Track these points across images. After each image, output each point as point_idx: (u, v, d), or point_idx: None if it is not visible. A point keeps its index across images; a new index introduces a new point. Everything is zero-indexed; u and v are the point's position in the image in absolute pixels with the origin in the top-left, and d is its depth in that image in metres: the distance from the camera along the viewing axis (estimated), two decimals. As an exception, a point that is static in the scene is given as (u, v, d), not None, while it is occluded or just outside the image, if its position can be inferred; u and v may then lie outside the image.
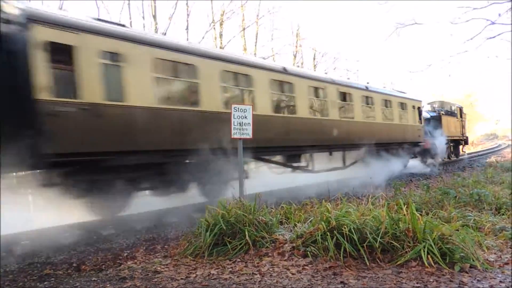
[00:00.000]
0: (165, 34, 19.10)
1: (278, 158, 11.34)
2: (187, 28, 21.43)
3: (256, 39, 25.07)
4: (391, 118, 16.00)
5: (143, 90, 7.53)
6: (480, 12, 19.05)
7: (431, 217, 4.91)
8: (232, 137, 6.81)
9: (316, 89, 12.04)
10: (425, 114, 20.57)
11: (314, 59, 29.35)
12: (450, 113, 23.38)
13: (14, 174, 6.72)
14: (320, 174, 12.36)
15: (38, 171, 6.65)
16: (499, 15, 18.50)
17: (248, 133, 6.83)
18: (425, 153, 19.99)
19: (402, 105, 17.07)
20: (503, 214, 6.30)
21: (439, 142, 20.54)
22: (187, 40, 18.26)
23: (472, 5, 18.47)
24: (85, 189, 6.98)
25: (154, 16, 19.99)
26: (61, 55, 6.56)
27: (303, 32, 28.58)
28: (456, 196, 7.30)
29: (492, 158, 24.37)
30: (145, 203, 8.40)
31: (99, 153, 6.94)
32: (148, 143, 7.59)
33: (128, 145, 7.00)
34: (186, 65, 8.45)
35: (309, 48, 29.54)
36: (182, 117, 8.15)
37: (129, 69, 7.39)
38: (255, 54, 23.64)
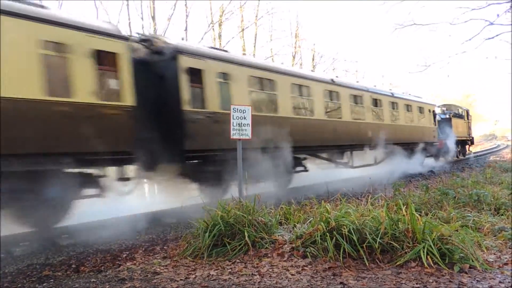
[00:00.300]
0: (164, 35, 19.09)
1: (327, 155, 13.39)
2: (186, 29, 21.45)
3: (255, 40, 25.11)
4: (412, 120, 18.24)
5: (243, 100, 9.61)
6: (478, 13, 19.08)
7: (431, 218, 4.91)
8: (231, 137, 6.81)
9: (355, 96, 14.24)
10: (437, 117, 22.36)
11: (313, 59, 29.38)
12: (458, 116, 25.61)
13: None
14: (357, 169, 14.50)
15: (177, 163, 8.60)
16: (498, 15, 18.54)
17: (247, 133, 6.82)
18: (438, 152, 21.79)
19: (420, 109, 19.19)
20: (502, 215, 6.30)
21: (450, 142, 22.69)
22: (190, 41, 18.29)
23: (471, 5, 18.48)
24: (204, 177, 9.14)
25: (153, 17, 19.99)
26: (195, 77, 8.75)
27: (302, 33, 28.55)
28: (455, 197, 7.30)
29: (491, 158, 25.87)
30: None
31: (216, 149, 8.91)
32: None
33: (233, 144, 7.91)
34: (268, 80, 10.79)
35: (308, 49, 29.56)
36: (266, 121, 10.14)
37: (234, 85, 9.64)
38: (253, 54, 23.67)
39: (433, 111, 20.94)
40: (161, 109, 8.30)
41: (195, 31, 45.30)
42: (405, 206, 4.59)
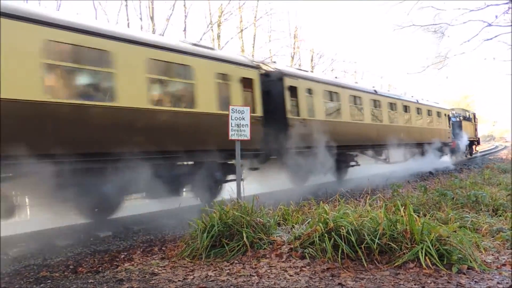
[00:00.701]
0: (162, 35, 19.08)
1: (371, 153, 16.44)
2: (184, 30, 21.44)
3: (254, 40, 25.12)
4: (432, 124, 21.56)
5: (321, 109, 12.80)
6: (477, 14, 19.13)
7: (429, 219, 4.91)
8: (230, 138, 6.80)
9: (391, 104, 17.32)
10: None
11: (311, 60, 29.39)
12: (467, 119, 28.86)
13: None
14: (392, 165, 17.41)
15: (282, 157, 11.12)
16: (496, 17, 18.58)
17: (245, 134, 6.81)
18: (451, 151, 25.05)
19: (438, 114, 22.49)
20: (500, 216, 6.31)
21: (461, 142, 26.07)
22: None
23: (469, 6, 18.55)
24: (296, 168, 11.72)
25: (152, 18, 19.98)
26: (293, 92, 11.70)
27: (301, 34, 28.59)
28: (453, 198, 7.30)
29: (492, 158, 28.29)
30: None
31: (305, 147, 11.46)
32: (318, 142, 12.14)
33: (317, 142, 11.82)
34: (335, 93, 13.68)
35: (307, 50, 29.59)
36: (335, 125, 13.12)
37: (315, 98, 12.54)
38: (252, 55, 23.66)
39: (448, 115, 24.27)
40: (273, 117, 10.72)
41: (193, 31, 45.27)
42: (403, 207, 4.59)
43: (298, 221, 5.61)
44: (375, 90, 16.52)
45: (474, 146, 30.85)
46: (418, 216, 4.64)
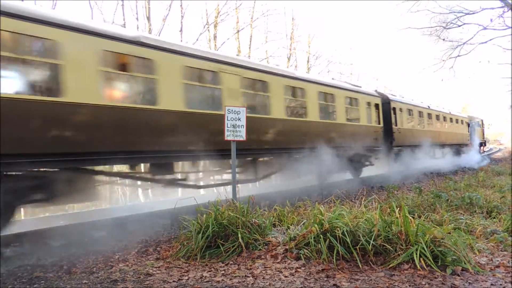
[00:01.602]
0: (159, 35, 19.05)
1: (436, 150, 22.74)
2: (181, 30, 21.41)
3: (250, 41, 25.13)
4: (458, 129, 27.77)
5: (405, 123, 18.48)
6: (472, 18, 19.25)
7: (424, 220, 4.92)
8: (226, 139, 6.79)
9: (429, 114, 22.27)
10: None
11: (308, 61, 29.42)
12: (477, 124, 35.75)
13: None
14: (435, 160, 22.40)
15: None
16: (491, 20, 18.71)
17: (241, 135, 6.80)
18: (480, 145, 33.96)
19: (462, 121, 28.97)
20: (494, 218, 6.34)
21: (474, 144, 32.48)
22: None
23: (465, 7, 18.65)
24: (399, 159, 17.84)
25: (148, 18, 19.94)
26: (396, 111, 17.80)
27: (297, 35, 28.55)
28: (448, 199, 7.33)
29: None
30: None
31: (407, 146, 18.21)
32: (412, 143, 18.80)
33: (405, 141, 18.32)
34: (420, 112, 20.16)
35: (303, 51, 29.61)
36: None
37: (412, 116, 18.84)
38: (249, 56, 23.66)
39: (467, 122, 30.97)
40: (386, 127, 16.60)
41: (190, 32, 45.21)
42: (398, 209, 4.61)
43: (294, 222, 5.62)
44: (428, 106, 23.02)
45: (482, 147, 37.02)
46: (413, 217, 4.65)
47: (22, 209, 8.59)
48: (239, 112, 6.80)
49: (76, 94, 6.61)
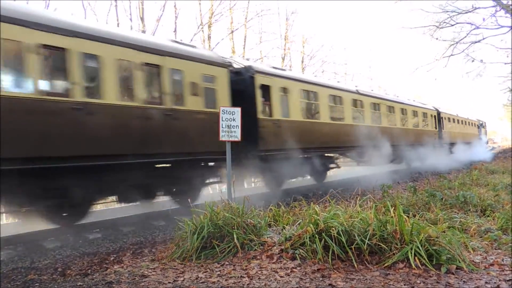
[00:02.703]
0: (153, 34, 18.97)
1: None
2: (175, 31, 21.36)
3: (245, 41, 25.12)
4: (472, 130, 36.21)
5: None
6: (465, 17, 19.36)
7: (418, 219, 4.95)
8: (220, 139, 6.78)
9: (463, 121, 31.63)
10: None
11: (302, 62, 29.45)
12: (482, 126, 44.21)
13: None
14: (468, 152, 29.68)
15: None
16: (484, 19, 18.83)
17: (236, 135, 6.80)
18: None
19: (474, 124, 37.60)
20: (488, 216, 6.38)
21: (482, 141, 40.48)
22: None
23: (458, 6, 18.81)
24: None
25: (142, 18, 19.87)
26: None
27: (292, 35, 28.55)
28: (442, 198, 7.37)
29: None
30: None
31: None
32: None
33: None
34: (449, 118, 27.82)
35: (297, 51, 29.65)
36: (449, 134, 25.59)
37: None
38: (243, 56, 23.64)
39: (477, 124, 39.30)
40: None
41: (184, 32, 45.05)
42: (393, 208, 4.62)
43: (289, 222, 5.62)
44: (457, 114, 31.86)
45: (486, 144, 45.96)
46: (408, 216, 4.67)
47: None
48: (233, 113, 6.79)
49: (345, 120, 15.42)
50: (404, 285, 3.60)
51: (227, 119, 6.74)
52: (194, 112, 9.36)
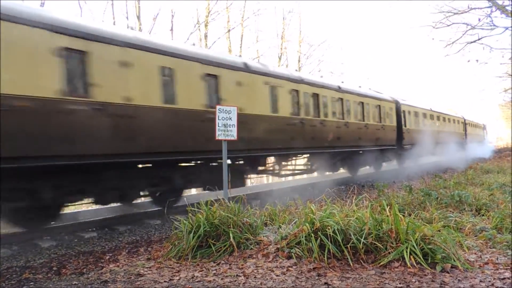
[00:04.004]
0: (150, 33, 18.92)
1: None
2: (171, 29, 21.32)
3: (241, 41, 25.10)
4: (479, 131, 44.32)
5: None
6: (460, 17, 19.43)
7: (414, 218, 4.96)
8: (216, 138, 6.77)
9: (474, 125, 41.86)
10: None
11: (299, 61, 29.47)
12: (484, 128, 51.34)
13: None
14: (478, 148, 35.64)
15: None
16: (479, 19, 18.92)
17: (232, 134, 6.79)
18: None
19: (479, 126, 46.11)
20: (483, 215, 6.41)
21: (486, 141, 48.28)
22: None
23: (453, 6, 18.91)
24: None
25: (138, 17, 19.82)
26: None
27: (288, 34, 28.57)
28: (437, 198, 7.39)
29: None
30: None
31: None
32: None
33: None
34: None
35: (294, 51, 29.65)
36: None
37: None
38: (240, 55, 23.62)
39: (482, 126, 47.48)
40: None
41: (181, 31, 45.01)
42: (388, 207, 4.63)
43: (285, 221, 5.62)
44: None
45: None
46: (403, 215, 4.68)
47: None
48: (230, 112, 6.79)
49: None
50: (400, 283, 3.62)
51: (223, 118, 6.73)
52: (387, 126, 19.06)
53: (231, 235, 4.80)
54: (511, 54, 19.62)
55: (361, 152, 17.18)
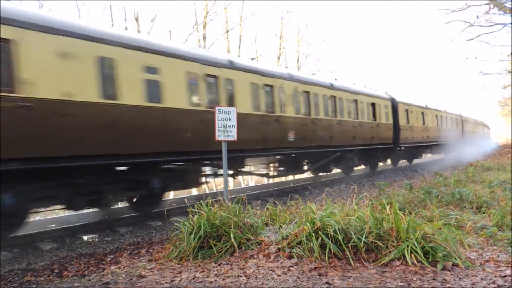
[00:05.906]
0: (148, 34, 18.93)
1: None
2: (169, 30, 21.31)
3: (240, 41, 25.09)
4: (483, 130, 49.88)
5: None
6: (459, 15, 19.47)
7: (414, 217, 4.96)
8: (216, 139, 6.77)
9: (482, 125, 49.75)
10: None
11: (297, 61, 29.46)
12: (487, 127, 55.52)
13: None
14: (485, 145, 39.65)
15: None
16: (477, 17, 18.93)
17: (232, 135, 6.79)
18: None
19: (487, 126, 55.01)
20: (483, 213, 6.41)
21: (490, 138, 54.11)
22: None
23: (452, 4, 18.95)
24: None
25: (137, 18, 19.82)
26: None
27: (286, 34, 28.60)
28: (438, 196, 7.40)
29: None
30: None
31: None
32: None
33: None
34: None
35: (293, 50, 29.63)
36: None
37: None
38: (239, 55, 23.63)
39: (487, 126, 53.20)
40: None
41: (179, 32, 44.97)
42: (389, 206, 4.63)
43: (286, 221, 5.62)
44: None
45: None
46: (404, 214, 4.68)
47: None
48: (229, 112, 6.79)
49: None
50: (401, 282, 3.62)
51: (223, 119, 6.74)
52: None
53: (232, 235, 4.81)
54: (510, 51, 19.64)
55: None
